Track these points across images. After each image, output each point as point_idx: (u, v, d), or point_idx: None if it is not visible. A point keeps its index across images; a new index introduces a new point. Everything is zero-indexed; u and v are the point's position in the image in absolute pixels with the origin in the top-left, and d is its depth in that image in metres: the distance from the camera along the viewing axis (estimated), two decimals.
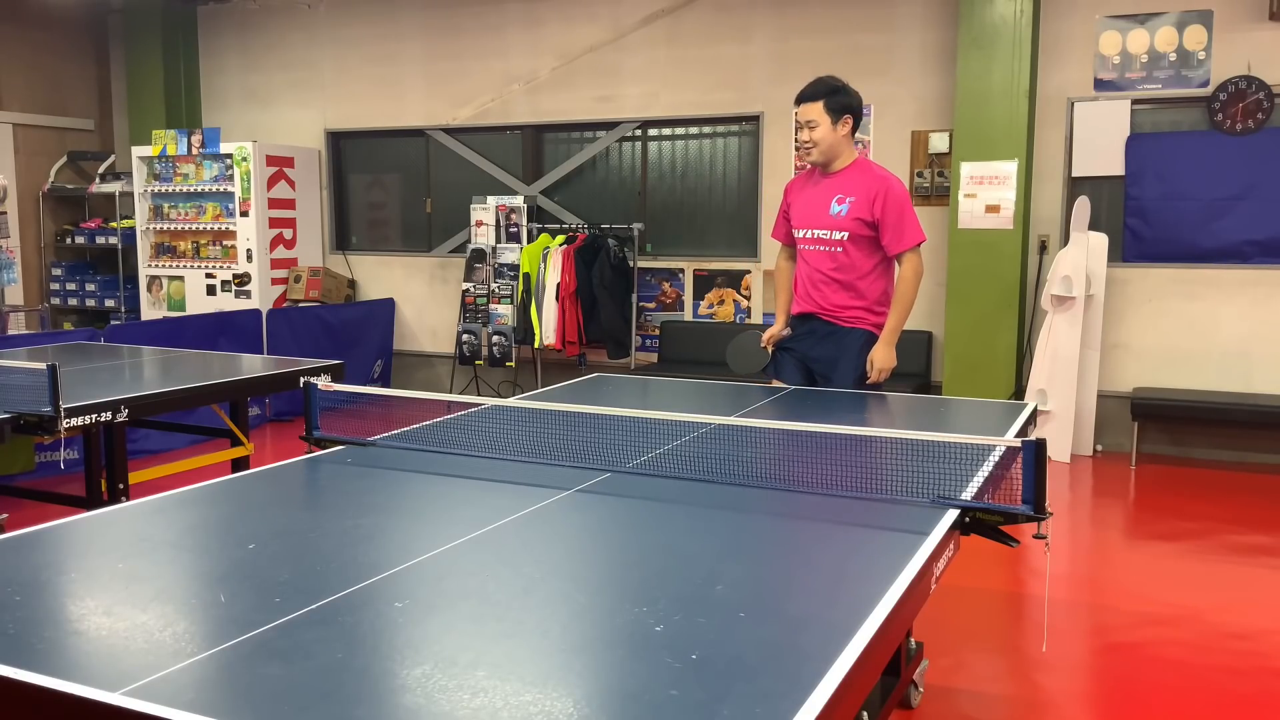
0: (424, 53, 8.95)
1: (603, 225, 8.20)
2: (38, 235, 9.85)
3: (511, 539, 2.22)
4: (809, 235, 4.11)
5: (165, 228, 9.23)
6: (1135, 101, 6.93)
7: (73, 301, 9.85)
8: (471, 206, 8.50)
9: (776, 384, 4.24)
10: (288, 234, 9.09)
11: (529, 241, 8.30)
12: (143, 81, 9.70)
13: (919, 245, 4.01)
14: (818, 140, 4.00)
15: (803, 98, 4.04)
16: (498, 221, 8.40)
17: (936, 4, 7.30)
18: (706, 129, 8.21)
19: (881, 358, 4.06)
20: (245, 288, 8.88)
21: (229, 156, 8.90)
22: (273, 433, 7.67)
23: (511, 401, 3.70)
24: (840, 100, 3.98)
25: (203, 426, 5.78)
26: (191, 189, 9.07)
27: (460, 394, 7.08)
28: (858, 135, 7.51)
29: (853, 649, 1.63)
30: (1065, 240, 7.01)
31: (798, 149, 4.13)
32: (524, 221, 8.34)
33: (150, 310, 9.30)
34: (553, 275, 8.02)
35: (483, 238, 8.44)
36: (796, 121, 4.09)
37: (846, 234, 4.01)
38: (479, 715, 1.42)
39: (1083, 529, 5.48)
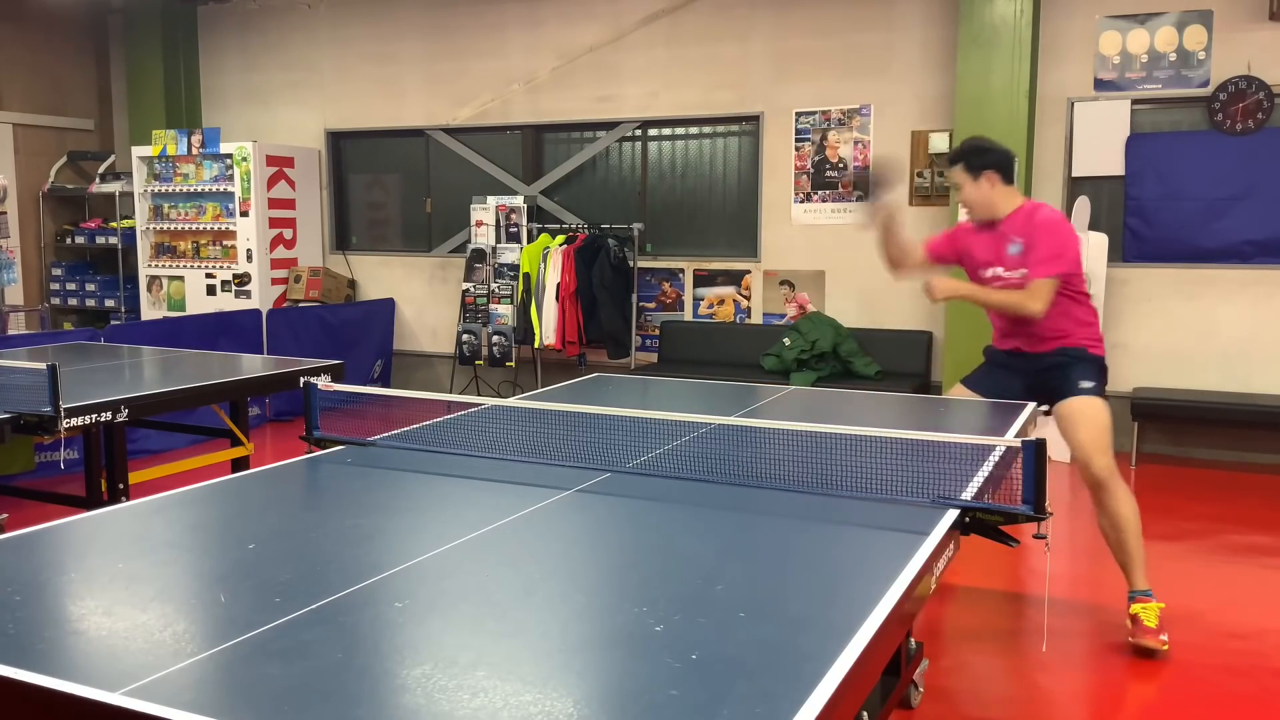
0: (424, 53, 8.96)
1: (603, 225, 8.21)
2: (38, 235, 9.85)
3: (511, 539, 2.22)
4: (993, 274, 4.12)
5: (165, 228, 9.23)
6: (1135, 101, 6.93)
7: (73, 301, 9.85)
8: (471, 206, 8.51)
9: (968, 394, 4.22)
10: (288, 234, 9.09)
11: (529, 241, 8.30)
12: (143, 81, 9.70)
13: (1049, 276, 3.90)
14: (967, 201, 4.13)
15: (949, 161, 4.22)
16: (498, 221, 8.41)
17: (936, 4, 7.30)
18: (706, 129, 8.21)
19: (941, 280, 4.07)
20: (245, 288, 8.88)
21: (229, 156, 8.90)
22: (273, 433, 7.67)
23: (511, 401, 3.70)
24: (977, 160, 4.08)
25: (203, 426, 5.78)
26: (191, 189, 9.07)
27: (460, 394, 7.08)
28: (857, 135, 7.59)
29: (853, 649, 1.63)
30: None
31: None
32: (524, 221, 8.34)
33: (150, 310, 9.30)
34: (553, 275, 8.02)
35: (483, 238, 8.44)
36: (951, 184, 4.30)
37: (1024, 271, 4.00)
38: (479, 715, 1.42)
39: (1083, 529, 5.48)
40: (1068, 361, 4.03)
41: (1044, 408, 4.06)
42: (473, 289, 8.47)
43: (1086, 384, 4.01)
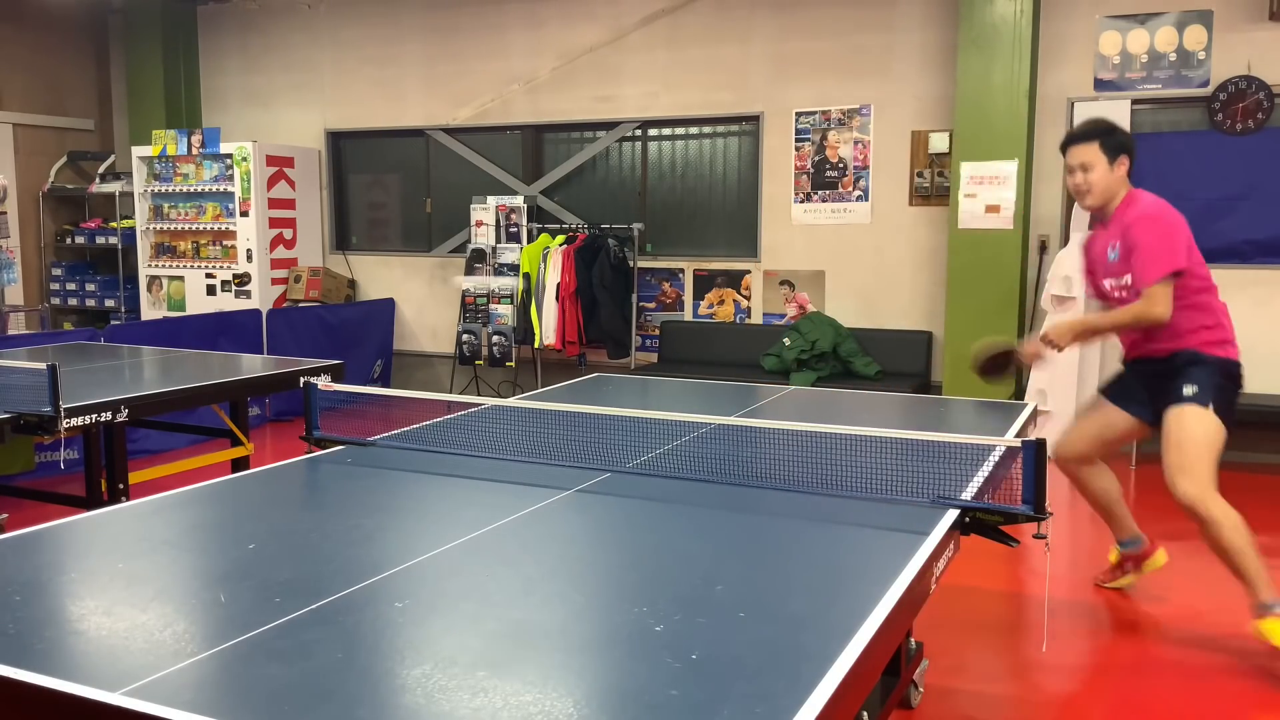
0: (424, 53, 8.96)
1: (603, 225, 8.21)
2: (38, 235, 9.85)
3: (511, 539, 2.22)
4: (1108, 286, 3.92)
5: (165, 228, 9.23)
6: (1135, 101, 6.93)
7: (73, 301, 9.85)
8: (471, 206, 8.51)
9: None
10: (288, 234, 9.09)
11: (529, 241, 8.30)
12: (143, 81, 9.70)
13: (1158, 280, 3.66)
14: (1093, 183, 3.81)
15: (1075, 139, 3.84)
16: (498, 221, 8.40)
17: (936, 4, 7.30)
18: (706, 129, 8.21)
19: (1054, 328, 3.82)
20: (245, 288, 8.88)
21: (229, 156, 8.90)
22: (273, 433, 7.67)
23: (511, 401, 3.70)
24: (1117, 140, 3.80)
25: (203, 426, 5.78)
26: (191, 189, 9.07)
27: (460, 394, 7.08)
28: (857, 135, 7.59)
29: (853, 649, 1.63)
30: (1065, 240, 7.01)
31: (1073, 193, 3.89)
32: (524, 221, 8.34)
33: (150, 310, 9.30)
34: (553, 275, 8.02)
35: (483, 238, 8.44)
36: (1067, 165, 3.86)
37: (1129, 277, 3.78)
38: (479, 715, 1.42)
39: (1083, 529, 5.48)
40: (1178, 367, 3.79)
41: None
42: (473, 289, 8.47)
43: (1189, 389, 3.76)
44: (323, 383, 3.22)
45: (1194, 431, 3.72)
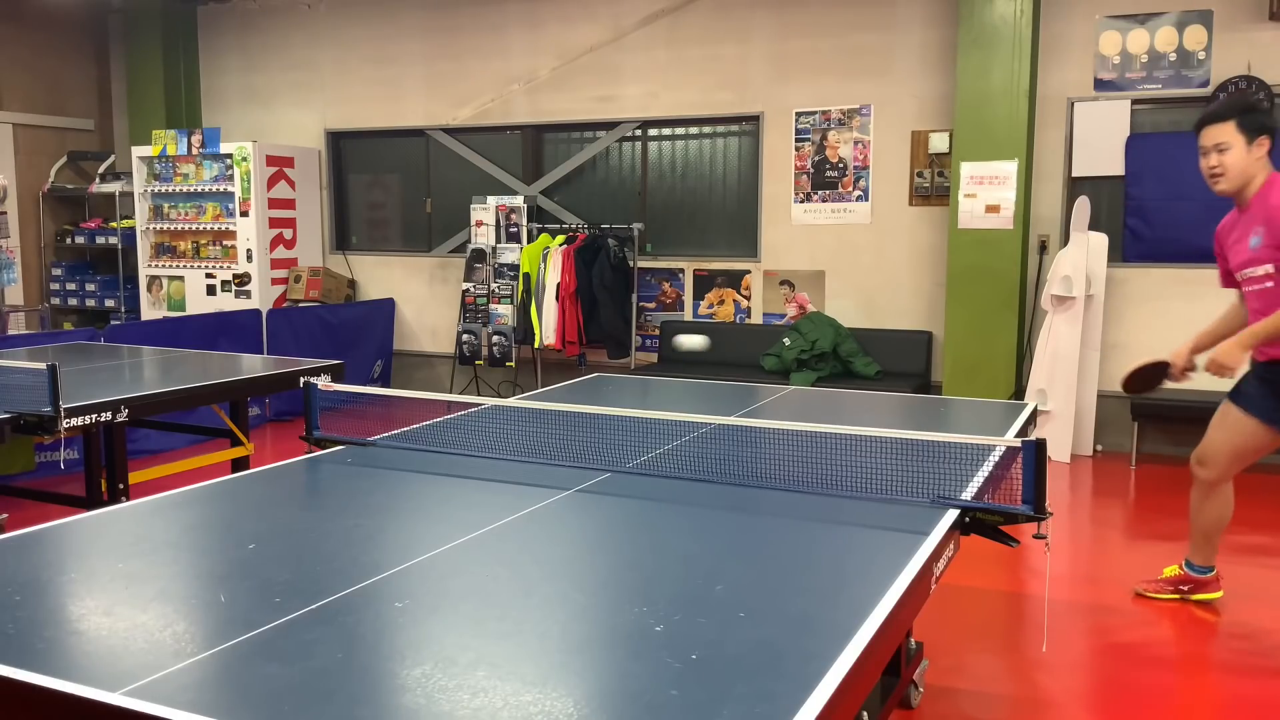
0: (424, 53, 8.96)
1: (603, 225, 8.21)
2: (38, 235, 9.85)
3: (511, 539, 2.22)
4: (1242, 277, 3.75)
5: (165, 228, 9.23)
6: (1135, 101, 6.93)
7: (73, 301, 9.85)
8: (471, 206, 8.51)
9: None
10: (288, 234, 9.09)
11: (529, 241, 8.30)
12: (143, 81, 9.70)
13: None
14: (1229, 165, 3.62)
15: (1210, 119, 3.67)
16: (498, 221, 8.40)
17: (936, 4, 7.30)
18: (706, 129, 8.21)
19: (1223, 351, 3.62)
20: (245, 288, 8.88)
21: (229, 156, 8.90)
22: (273, 433, 7.67)
23: (511, 401, 3.70)
24: (1257, 119, 3.60)
25: (203, 426, 5.78)
26: (191, 189, 9.07)
27: (460, 394, 7.08)
28: (857, 135, 7.59)
29: (853, 649, 1.63)
30: (1065, 240, 7.01)
31: (1207, 176, 3.70)
32: (524, 221, 8.34)
33: (150, 310, 9.30)
34: (553, 275, 8.02)
35: (483, 238, 8.44)
36: (1201, 147, 3.70)
37: (1270, 266, 3.59)
38: (479, 715, 1.42)
39: (1083, 529, 5.48)
40: (1263, 369, 3.69)
41: None
42: (473, 289, 8.47)
43: (1248, 389, 3.73)
44: (323, 383, 3.22)
45: (1228, 429, 3.77)
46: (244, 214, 8.85)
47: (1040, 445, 2.40)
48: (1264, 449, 3.94)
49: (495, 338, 8.39)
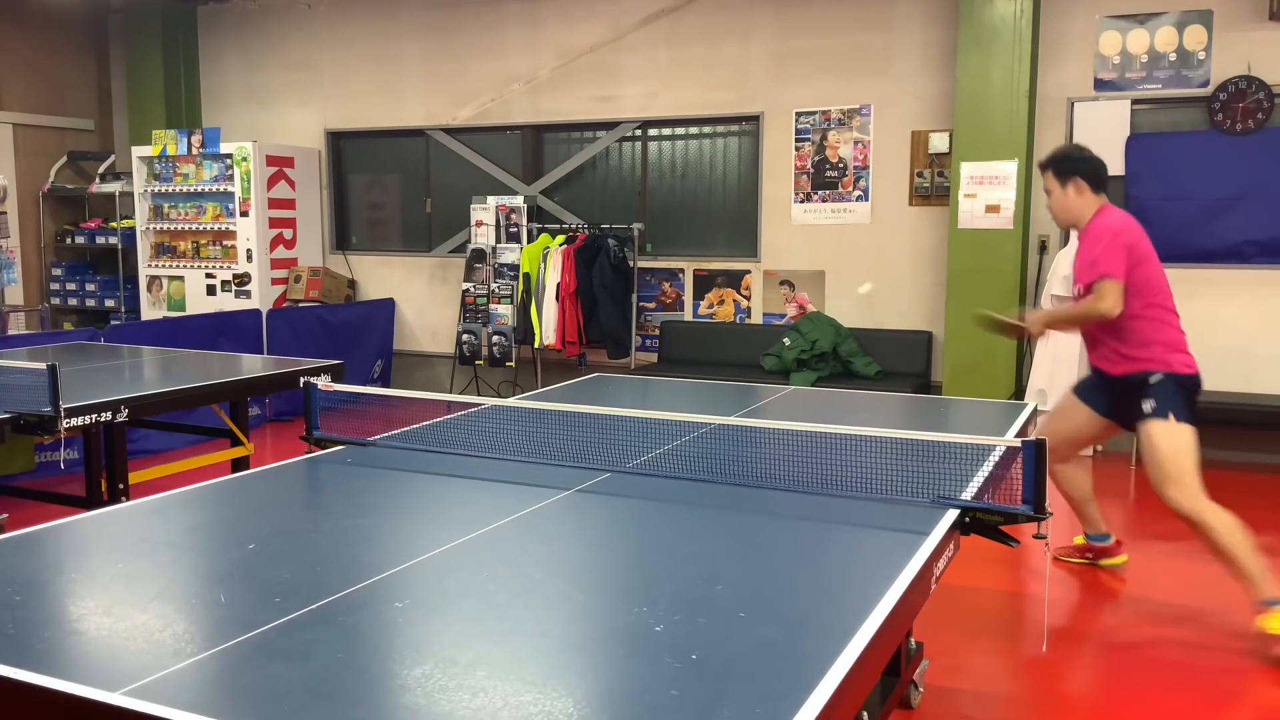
0: (424, 53, 8.96)
1: (603, 225, 8.21)
2: (38, 235, 9.85)
3: (511, 539, 2.22)
4: (1078, 292, 4.12)
5: (165, 228, 9.23)
6: (1135, 101, 6.93)
7: (73, 301, 9.85)
8: (471, 206, 8.51)
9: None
10: (288, 234, 9.09)
11: (529, 241, 8.30)
12: (143, 81, 9.70)
13: (1101, 279, 3.89)
14: (1053, 207, 4.17)
15: (1041, 168, 4.23)
16: (498, 221, 8.41)
17: (936, 3, 7.30)
18: (706, 129, 8.21)
19: (1031, 317, 4.16)
20: (245, 288, 8.88)
21: (229, 156, 8.90)
22: (273, 433, 7.67)
23: (511, 401, 3.70)
24: (1067, 165, 4.11)
25: (203, 426, 5.78)
26: (191, 189, 9.07)
27: (460, 394, 7.08)
28: (857, 135, 7.59)
29: (853, 649, 1.63)
30: (1065, 240, 7.01)
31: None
32: (524, 221, 8.34)
33: (150, 310, 9.30)
34: (553, 275, 8.02)
35: (483, 238, 8.44)
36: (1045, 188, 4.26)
37: (1081, 286, 4.05)
38: (479, 715, 1.42)
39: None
40: (1135, 384, 3.99)
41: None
42: (473, 289, 8.47)
43: (1148, 405, 3.94)
44: (323, 383, 3.22)
45: (1164, 444, 3.91)
46: (244, 214, 8.85)
47: (1040, 445, 2.41)
48: (1100, 438, 4.57)
49: (495, 338, 8.39)
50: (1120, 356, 4.05)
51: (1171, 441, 3.89)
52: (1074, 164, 4.12)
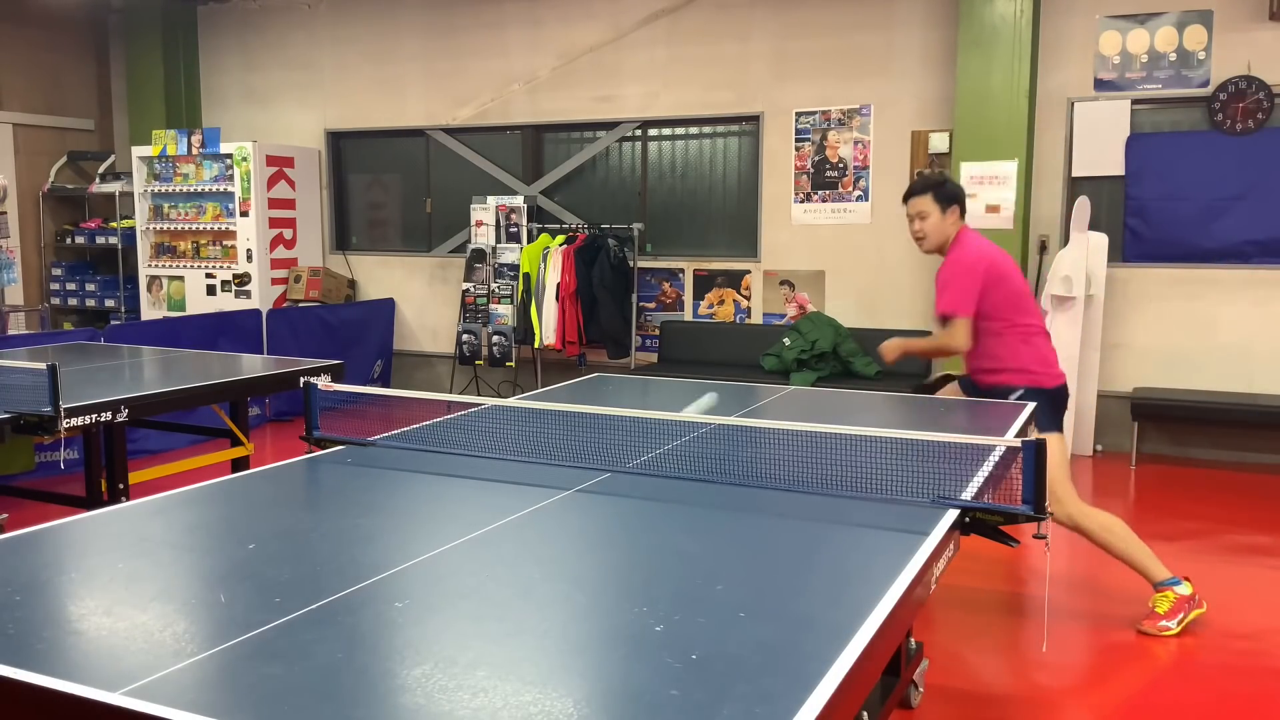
0: (424, 52, 8.95)
1: (603, 225, 8.21)
2: (38, 235, 9.85)
3: (511, 539, 2.22)
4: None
5: (165, 228, 9.23)
6: (1135, 101, 6.93)
7: (73, 301, 9.85)
8: (471, 206, 8.51)
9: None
10: (288, 234, 9.09)
11: (529, 241, 8.30)
12: (143, 81, 9.70)
13: (951, 316, 4.06)
14: (928, 231, 4.17)
15: (912, 191, 4.23)
16: (498, 221, 8.40)
17: (936, 4, 7.30)
18: (706, 129, 8.21)
19: (889, 343, 4.25)
20: (245, 288, 8.88)
21: (229, 156, 8.90)
22: (273, 433, 7.67)
23: (511, 401, 3.70)
24: (948, 191, 4.18)
25: (203, 426, 5.78)
26: (191, 189, 9.07)
27: (460, 394, 7.08)
28: (857, 135, 7.59)
29: (853, 649, 1.63)
30: (1065, 240, 7.01)
31: (913, 238, 4.31)
32: (524, 221, 8.34)
33: (150, 310, 9.30)
34: (553, 275, 8.02)
35: (483, 238, 8.44)
36: (907, 214, 4.25)
37: (938, 313, 4.18)
38: (479, 715, 1.42)
39: None
40: (999, 397, 4.06)
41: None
42: (473, 289, 8.47)
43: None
44: (323, 383, 3.22)
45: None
46: (244, 214, 8.85)
47: (1040, 445, 2.41)
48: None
49: (495, 338, 8.39)
50: (984, 370, 4.14)
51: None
52: (954, 190, 4.21)
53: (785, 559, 2.13)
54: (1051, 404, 4.06)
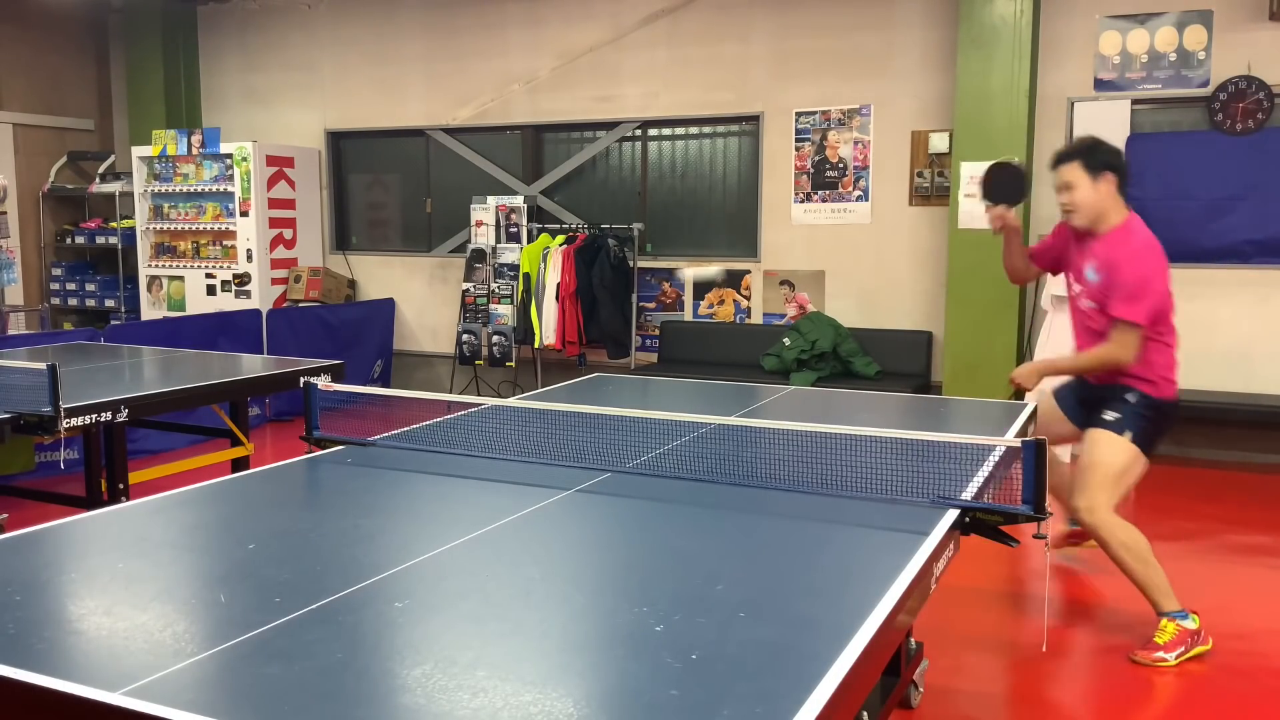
0: (424, 53, 8.95)
1: (603, 225, 8.20)
2: (38, 235, 9.85)
3: (511, 539, 2.22)
4: (1076, 290, 3.98)
5: (165, 228, 9.23)
6: (1135, 101, 6.93)
7: (73, 301, 9.85)
8: (471, 206, 8.50)
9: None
10: (288, 234, 9.09)
11: (529, 241, 8.30)
12: (143, 81, 9.70)
13: (1129, 324, 3.71)
14: (1079, 204, 3.82)
15: (1059, 159, 3.89)
16: (498, 221, 8.40)
17: (936, 4, 7.29)
18: (706, 129, 8.21)
19: (1022, 370, 3.89)
20: (245, 288, 8.88)
21: (229, 156, 8.90)
22: (273, 433, 7.67)
23: (511, 401, 3.70)
24: (1100, 157, 3.81)
25: (203, 426, 5.78)
26: (191, 189, 9.07)
27: (460, 394, 7.07)
28: (857, 135, 7.59)
29: (853, 649, 1.63)
30: None
31: (1062, 211, 3.92)
32: (524, 221, 8.34)
33: (150, 310, 9.30)
34: (553, 275, 8.02)
35: (483, 238, 8.44)
36: (1056, 184, 3.91)
37: (1095, 305, 3.87)
38: (479, 715, 1.42)
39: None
40: (1110, 394, 3.85)
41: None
42: (473, 289, 8.47)
43: (1111, 415, 3.81)
44: (323, 383, 3.22)
45: (1104, 456, 3.78)
46: (244, 214, 8.85)
47: (1040, 445, 2.40)
48: (1067, 440, 4.25)
49: (495, 338, 8.39)
50: (1110, 371, 3.88)
51: (1114, 457, 3.75)
52: (1107, 156, 3.81)
53: (785, 559, 2.13)
54: (1158, 421, 3.84)
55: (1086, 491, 3.77)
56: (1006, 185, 4.11)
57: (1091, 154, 3.81)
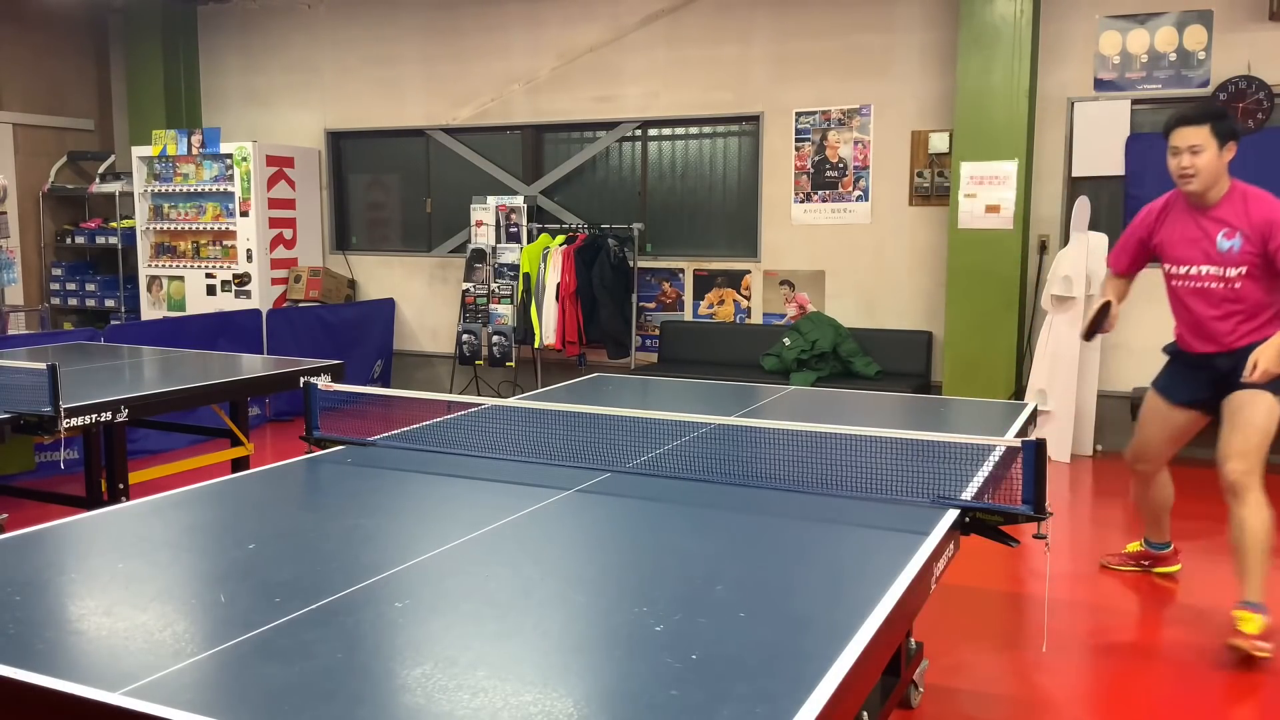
0: (424, 53, 8.96)
1: (603, 225, 8.21)
2: (38, 235, 9.85)
3: (511, 539, 2.22)
4: (1193, 272, 3.88)
5: (165, 228, 9.23)
6: (1135, 101, 6.93)
7: (73, 301, 9.85)
8: (471, 206, 8.51)
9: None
10: (288, 234, 9.09)
11: (529, 241, 8.30)
12: (143, 81, 9.70)
13: None
14: (1201, 168, 3.75)
15: (1186, 120, 3.80)
16: (498, 221, 8.40)
17: (936, 4, 7.30)
18: (706, 129, 8.21)
19: (1268, 358, 3.61)
20: (245, 288, 8.88)
21: (229, 156, 8.90)
22: (273, 433, 7.67)
23: (511, 401, 3.70)
24: (1229, 125, 3.77)
25: (203, 426, 5.78)
26: (191, 189, 9.07)
27: (460, 394, 7.08)
28: (857, 135, 7.59)
29: (853, 649, 1.63)
30: (1065, 240, 7.01)
31: (1177, 176, 3.83)
32: (524, 221, 8.34)
33: (150, 310, 9.30)
34: (553, 275, 8.02)
35: (483, 238, 8.44)
36: (1172, 147, 3.81)
37: (1244, 269, 3.76)
38: (479, 715, 1.42)
39: (1083, 529, 5.48)
40: (1249, 354, 3.69)
41: None
42: (473, 289, 8.47)
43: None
44: (323, 383, 3.22)
45: (1259, 419, 3.72)
46: (244, 214, 8.85)
47: (1040, 445, 2.40)
48: (1192, 434, 4.29)
49: (495, 338, 8.39)
50: (1249, 331, 3.76)
51: (1266, 419, 3.70)
52: (1235, 125, 3.76)
53: (785, 559, 2.13)
54: None
55: (1248, 455, 3.70)
56: (1101, 318, 4.14)
57: (1222, 120, 3.76)
